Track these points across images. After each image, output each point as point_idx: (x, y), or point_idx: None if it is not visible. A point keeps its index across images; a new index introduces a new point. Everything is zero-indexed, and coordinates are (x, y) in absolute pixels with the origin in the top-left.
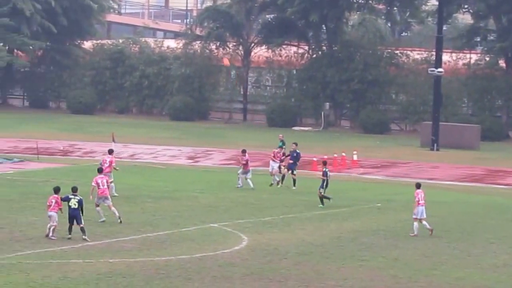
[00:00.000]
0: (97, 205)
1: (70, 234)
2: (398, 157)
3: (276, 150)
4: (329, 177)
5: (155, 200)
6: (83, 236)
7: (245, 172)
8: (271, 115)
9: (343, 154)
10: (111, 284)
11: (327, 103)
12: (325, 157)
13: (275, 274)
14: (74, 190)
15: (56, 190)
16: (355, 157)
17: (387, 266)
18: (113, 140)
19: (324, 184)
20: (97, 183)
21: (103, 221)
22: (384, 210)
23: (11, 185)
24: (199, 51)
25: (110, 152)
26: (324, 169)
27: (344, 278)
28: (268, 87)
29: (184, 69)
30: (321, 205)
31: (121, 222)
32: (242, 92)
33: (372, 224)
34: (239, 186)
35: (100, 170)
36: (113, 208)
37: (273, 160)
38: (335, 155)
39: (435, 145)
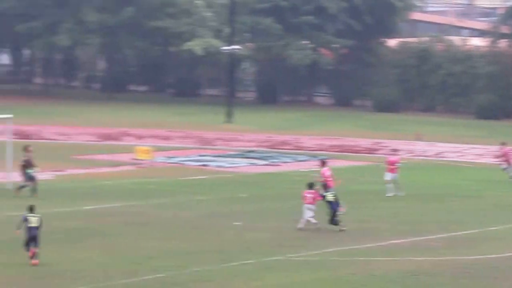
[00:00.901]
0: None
1: (338, 224)
2: None
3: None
4: None
5: (462, 198)
6: (340, 228)
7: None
8: None
9: None
10: (417, 283)
11: None
12: None
13: None
14: (310, 186)
15: (311, 185)
16: None
17: None
18: (419, 139)
19: None
20: (325, 176)
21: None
22: None
23: None
24: (505, 49)
25: (394, 151)
26: None
27: None
28: None
29: (490, 68)
30: None
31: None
32: None
33: None
34: None
35: (323, 163)
36: None
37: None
38: None
39: None
